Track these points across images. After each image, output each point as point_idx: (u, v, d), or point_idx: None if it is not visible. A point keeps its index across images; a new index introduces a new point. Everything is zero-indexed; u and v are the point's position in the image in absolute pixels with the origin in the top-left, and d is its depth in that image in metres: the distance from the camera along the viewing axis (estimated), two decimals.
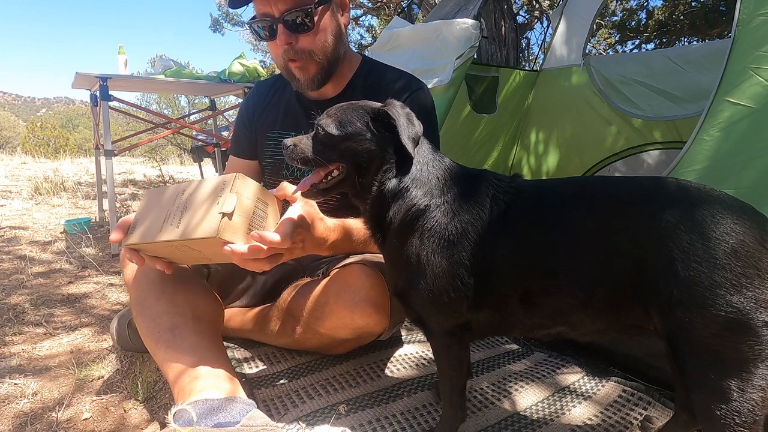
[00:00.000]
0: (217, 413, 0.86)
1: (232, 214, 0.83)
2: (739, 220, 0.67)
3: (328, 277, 1.17)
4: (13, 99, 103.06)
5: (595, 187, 0.84)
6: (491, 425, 1.03)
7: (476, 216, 0.84)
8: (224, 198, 0.84)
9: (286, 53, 1.17)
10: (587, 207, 0.79)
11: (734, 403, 0.65)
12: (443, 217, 0.84)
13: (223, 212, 0.82)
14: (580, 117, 2.85)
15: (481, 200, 0.85)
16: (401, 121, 0.84)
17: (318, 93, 1.27)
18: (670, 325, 0.69)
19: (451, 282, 0.83)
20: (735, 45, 1.21)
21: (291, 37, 1.14)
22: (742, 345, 0.64)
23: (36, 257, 2.47)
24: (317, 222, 0.97)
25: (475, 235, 0.83)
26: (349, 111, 0.89)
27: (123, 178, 6.51)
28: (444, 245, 0.84)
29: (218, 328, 1.07)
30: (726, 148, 1.19)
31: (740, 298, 0.64)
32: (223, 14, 8.96)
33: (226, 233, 0.81)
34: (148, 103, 12.55)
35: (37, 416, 1.11)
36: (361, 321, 1.07)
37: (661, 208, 0.71)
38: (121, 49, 3.07)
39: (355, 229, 1.11)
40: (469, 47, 2.17)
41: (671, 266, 0.68)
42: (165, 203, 0.91)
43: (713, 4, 5.93)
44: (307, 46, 1.16)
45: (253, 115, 1.37)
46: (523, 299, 0.83)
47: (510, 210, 0.83)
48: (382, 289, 1.07)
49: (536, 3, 5.55)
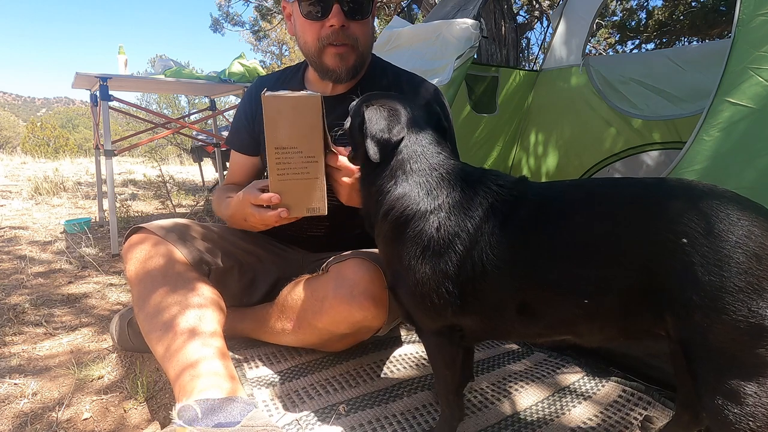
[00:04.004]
0: (217, 413, 0.86)
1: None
2: (757, 222, 0.65)
3: (327, 272, 1.17)
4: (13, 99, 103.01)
5: (601, 190, 0.81)
6: (491, 425, 1.03)
7: (464, 226, 0.81)
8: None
9: (333, 35, 1.17)
10: (594, 212, 0.76)
11: (749, 408, 0.64)
12: (429, 225, 0.82)
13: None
14: (579, 117, 2.84)
15: (474, 208, 0.82)
16: (368, 118, 0.87)
17: (330, 89, 1.29)
18: (687, 330, 0.68)
19: (434, 289, 0.82)
20: (735, 45, 1.21)
21: (345, 20, 1.15)
22: (761, 349, 0.64)
23: (36, 257, 2.47)
24: None
25: (462, 246, 0.80)
26: (358, 104, 0.95)
27: (123, 178, 6.51)
28: (429, 254, 0.82)
29: (219, 326, 1.07)
30: (726, 148, 1.19)
31: (762, 302, 0.62)
32: (223, 14, 8.97)
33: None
34: (148, 103, 12.53)
35: (37, 416, 1.11)
36: (360, 315, 1.07)
37: (673, 211, 0.69)
38: (121, 49, 3.07)
39: None
40: (469, 47, 2.17)
41: (689, 270, 0.66)
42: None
43: (713, 4, 5.93)
44: (357, 33, 1.19)
45: (256, 109, 1.36)
46: (521, 310, 0.80)
47: (508, 219, 0.80)
48: (381, 283, 1.07)
49: (536, 3, 5.54)
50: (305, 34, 1.21)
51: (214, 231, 1.29)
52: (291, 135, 0.98)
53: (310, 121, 0.97)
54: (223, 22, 9.07)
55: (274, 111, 0.96)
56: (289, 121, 0.97)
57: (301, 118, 0.97)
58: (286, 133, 0.98)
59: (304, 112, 0.97)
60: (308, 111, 0.97)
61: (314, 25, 1.18)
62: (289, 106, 0.96)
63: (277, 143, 0.98)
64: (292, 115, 0.97)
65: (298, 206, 1.04)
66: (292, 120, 0.97)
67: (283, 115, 0.97)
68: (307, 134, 0.98)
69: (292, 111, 0.97)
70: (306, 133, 0.98)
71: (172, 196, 4.53)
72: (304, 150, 0.99)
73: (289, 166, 1.00)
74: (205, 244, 1.23)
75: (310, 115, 0.97)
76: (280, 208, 1.02)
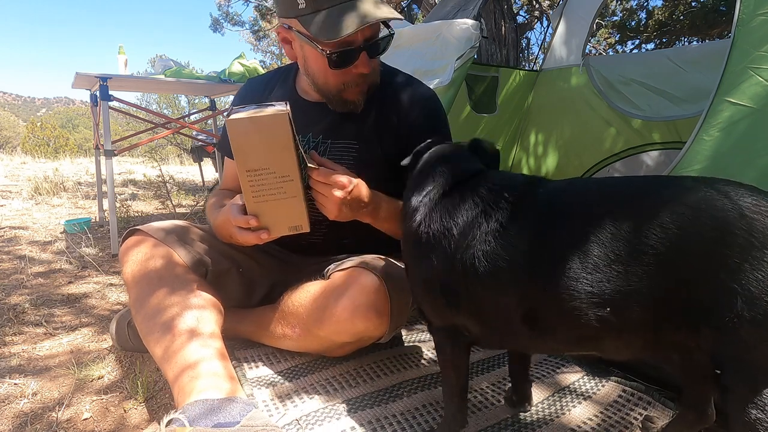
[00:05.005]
0: (217, 413, 0.86)
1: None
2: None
3: (328, 280, 1.17)
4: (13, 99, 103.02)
5: (622, 190, 0.74)
6: (491, 425, 1.03)
7: (450, 224, 0.80)
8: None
9: (362, 78, 1.15)
10: (615, 217, 0.68)
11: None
12: (419, 225, 0.85)
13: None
14: (579, 117, 2.84)
15: (466, 212, 0.80)
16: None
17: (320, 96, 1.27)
18: (729, 344, 0.63)
19: (428, 291, 0.84)
20: (735, 45, 1.21)
21: (370, 64, 1.15)
22: None
23: (36, 257, 2.47)
24: (361, 183, 1.08)
25: (449, 244, 0.79)
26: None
27: (123, 178, 6.51)
28: (418, 254, 0.85)
29: (218, 327, 1.07)
30: (726, 148, 1.19)
31: None
32: (223, 14, 8.97)
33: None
34: (148, 103, 12.53)
35: (37, 416, 1.11)
36: (362, 325, 1.07)
37: (706, 212, 0.63)
38: (121, 49, 3.07)
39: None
40: (470, 47, 2.17)
41: (735, 280, 0.60)
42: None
43: (713, 4, 5.93)
44: (375, 66, 1.19)
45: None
46: (529, 324, 0.75)
47: (508, 223, 0.75)
48: (383, 294, 1.07)
49: (536, 3, 5.55)
50: (326, 78, 1.16)
51: (212, 233, 1.29)
52: (260, 157, 0.94)
53: (279, 140, 0.93)
54: (223, 22, 9.07)
55: (238, 134, 0.92)
56: (256, 143, 0.93)
57: (268, 138, 0.93)
58: (255, 156, 0.94)
59: (271, 132, 0.92)
60: (276, 130, 0.92)
61: (336, 73, 1.14)
62: (254, 127, 0.92)
63: (247, 166, 0.94)
64: (258, 137, 0.92)
65: (278, 226, 1.01)
66: (259, 141, 0.93)
67: (249, 137, 0.92)
68: (278, 154, 0.94)
69: (257, 133, 0.92)
70: (277, 153, 0.94)
71: (172, 196, 4.53)
72: (276, 170, 0.95)
73: (264, 187, 0.97)
74: (203, 246, 1.23)
75: (279, 134, 0.92)
76: (261, 230, 1.00)
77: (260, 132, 0.92)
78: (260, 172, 0.95)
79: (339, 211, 1.04)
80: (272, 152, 0.94)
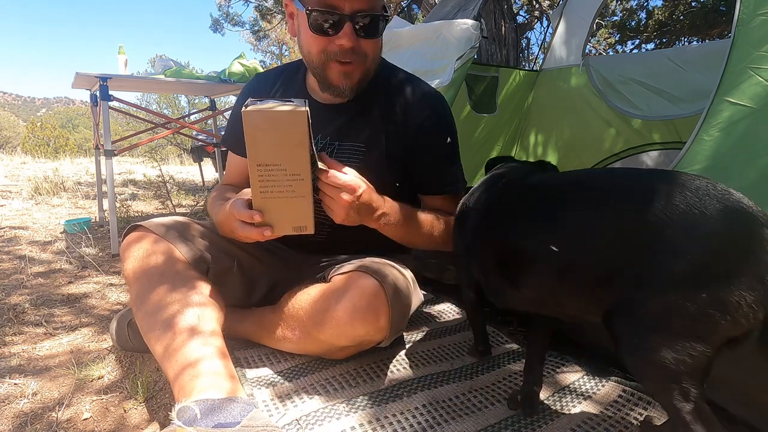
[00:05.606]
0: (217, 413, 0.86)
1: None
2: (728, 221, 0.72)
3: (329, 282, 1.17)
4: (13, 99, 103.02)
5: (590, 179, 0.95)
6: (491, 425, 1.03)
7: (472, 205, 1.13)
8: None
9: (341, 53, 1.12)
10: (575, 198, 0.89)
11: (663, 354, 0.73)
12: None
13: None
14: (579, 117, 2.84)
15: (483, 192, 1.13)
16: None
17: (331, 98, 1.26)
18: (628, 302, 0.77)
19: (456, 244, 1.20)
20: (735, 45, 1.21)
21: (356, 39, 1.11)
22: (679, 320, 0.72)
23: (36, 257, 2.47)
24: (370, 188, 1.07)
25: (469, 219, 1.12)
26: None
27: (123, 178, 6.51)
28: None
29: (219, 325, 1.07)
30: (726, 148, 1.19)
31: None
32: (223, 14, 8.97)
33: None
34: (148, 103, 12.53)
35: (37, 416, 1.11)
36: (362, 329, 1.06)
37: (647, 198, 0.76)
38: (121, 49, 3.07)
39: (420, 218, 1.23)
40: (470, 48, 2.17)
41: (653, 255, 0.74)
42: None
43: (713, 4, 5.94)
44: (366, 49, 1.14)
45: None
46: (500, 266, 0.99)
47: (498, 199, 1.07)
48: (383, 298, 1.07)
49: (536, 3, 5.55)
50: (309, 45, 1.15)
51: (213, 230, 1.29)
52: (273, 152, 0.92)
53: (294, 138, 0.91)
54: (223, 22, 9.08)
55: (253, 127, 0.90)
56: (270, 138, 0.91)
57: (284, 135, 0.91)
58: (267, 150, 0.92)
59: (287, 128, 0.90)
60: (292, 127, 0.90)
61: (319, 39, 1.12)
62: (271, 122, 0.90)
63: (258, 160, 0.92)
64: (273, 132, 0.90)
65: (282, 224, 0.99)
66: (273, 137, 0.91)
67: (264, 131, 0.90)
68: (292, 151, 0.92)
69: (273, 128, 0.90)
70: (290, 151, 0.92)
71: (172, 196, 4.53)
72: (288, 168, 0.93)
73: (273, 184, 0.95)
74: (204, 242, 1.22)
75: (295, 132, 0.90)
76: (264, 227, 0.98)
77: (276, 128, 0.90)
78: (271, 167, 0.93)
79: (346, 214, 1.02)
80: (286, 149, 0.92)
